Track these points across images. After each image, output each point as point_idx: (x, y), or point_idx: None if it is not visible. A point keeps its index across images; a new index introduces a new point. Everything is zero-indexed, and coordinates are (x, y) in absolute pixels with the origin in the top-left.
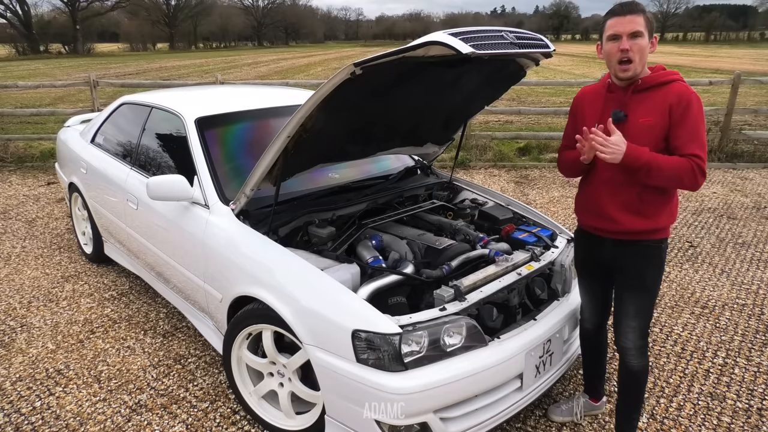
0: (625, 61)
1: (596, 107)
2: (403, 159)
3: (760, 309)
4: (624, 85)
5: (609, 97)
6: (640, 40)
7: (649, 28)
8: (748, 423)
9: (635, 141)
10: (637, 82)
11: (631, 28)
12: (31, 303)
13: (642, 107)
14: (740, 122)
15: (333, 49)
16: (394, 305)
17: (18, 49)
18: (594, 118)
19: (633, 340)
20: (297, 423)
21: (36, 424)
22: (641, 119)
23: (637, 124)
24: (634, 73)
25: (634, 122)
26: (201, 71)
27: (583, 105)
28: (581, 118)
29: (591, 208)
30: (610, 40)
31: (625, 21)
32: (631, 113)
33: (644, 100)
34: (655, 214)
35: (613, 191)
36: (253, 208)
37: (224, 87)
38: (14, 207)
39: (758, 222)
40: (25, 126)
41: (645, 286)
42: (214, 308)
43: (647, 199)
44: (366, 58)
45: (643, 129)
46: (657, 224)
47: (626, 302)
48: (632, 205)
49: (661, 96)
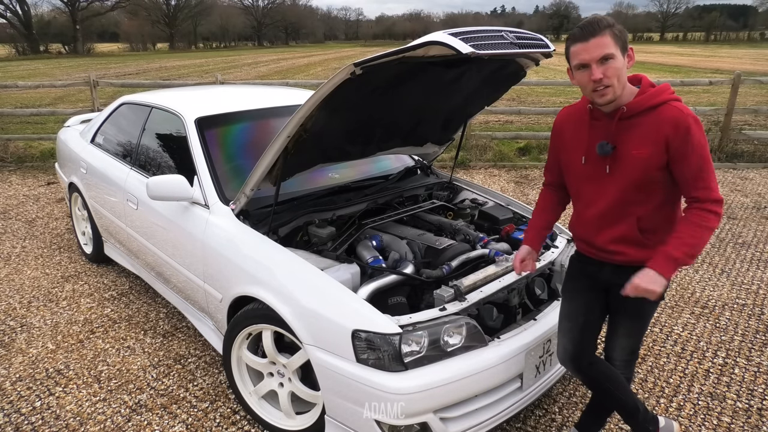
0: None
1: (580, 138)
2: (403, 159)
3: (760, 309)
4: (609, 111)
5: (593, 126)
6: (613, 63)
7: (620, 45)
8: (748, 423)
9: (627, 174)
10: (623, 110)
11: (599, 53)
12: (31, 303)
13: (633, 136)
14: (740, 122)
15: (333, 49)
16: (394, 305)
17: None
18: (578, 151)
19: (620, 356)
20: (297, 423)
21: (36, 424)
22: (634, 151)
23: (629, 157)
24: (614, 96)
25: (625, 154)
26: (201, 71)
27: (564, 135)
28: (564, 152)
29: (589, 241)
30: (579, 69)
31: (590, 47)
32: (620, 144)
33: (634, 127)
34: (658, 241)
35: (609, 226)
36: (253, 208)
37: (224, 87)
38: (14, 207)
39: (758, 222)
40: (25, 126)
41: (642, 311)
42: (214, 308)
43: (647, 227)
44: (366, 58)
45: (636, 162)
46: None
47: (619, 324)
48: (632, 238)
49: (653, 122)
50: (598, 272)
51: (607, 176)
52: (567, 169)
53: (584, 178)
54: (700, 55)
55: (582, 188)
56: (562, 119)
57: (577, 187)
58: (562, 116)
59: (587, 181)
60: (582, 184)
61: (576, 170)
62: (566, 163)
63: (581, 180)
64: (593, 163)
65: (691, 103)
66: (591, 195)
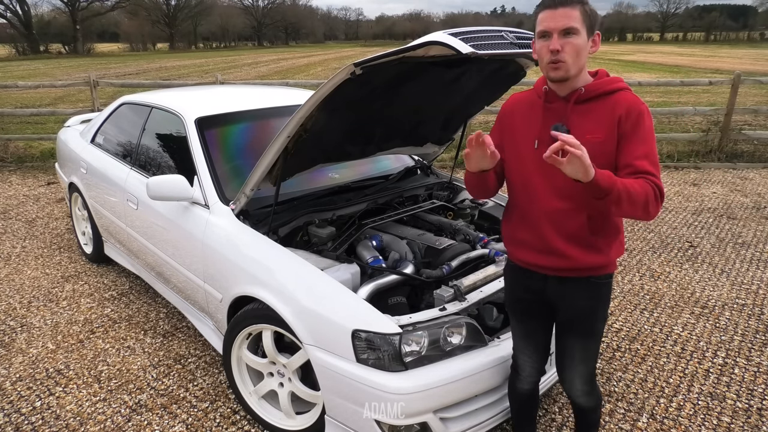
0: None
1: (531, 120)
2: (403, 159)
3: (760, 309)
4: (564, 94)
5: (547, 108)
6: (575, 39)
7: (588, 24)
8: (748, 423)
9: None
10: (580, 91)
11: (564, 23)
12: (31, 303)
13: (587, 121)
14: (740, 122)
15: (333, 49)
16: (394, 305)
17: (18, 49)
18: (529, 133)
19: (580, 387)
20: (297, 423)
21: (36, 424)
22: (588, 135)
23: (583, 141)
24: (566, 74)
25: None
26: (201, 71)
27: (514, 118)
28: (510, 133)
29: (534, 243)
30: (541, 38)
31: (556, 15)
32: (574, 128)
33: (588, 113)
34: (606, 246)
35: (560, 222)
36: (253, 208)
37: (224, 87)
38: (14, 207)
39: (758, 222)
40: (25, 126)
41: (593, 329)
42: (214, 308)
43: (596, 228)
44: (366, 58)
45: (591, 147)
46: (609, 258)
47: (571, 347)
48: (582, 237)
49: (608, 107)
50: (542, 288)
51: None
52: (514, 157)
53: (534, 165)
54: (699, 55)
55: (530, 177)
56: (513, 103)
57: (524, 178)
58: (512, 100)
59: (537, 168)
60: (531, 173)
61: (526, 157)
62: (514, 150)
63: (531, 168)
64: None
65: (691, 103)
66: (540, 185)
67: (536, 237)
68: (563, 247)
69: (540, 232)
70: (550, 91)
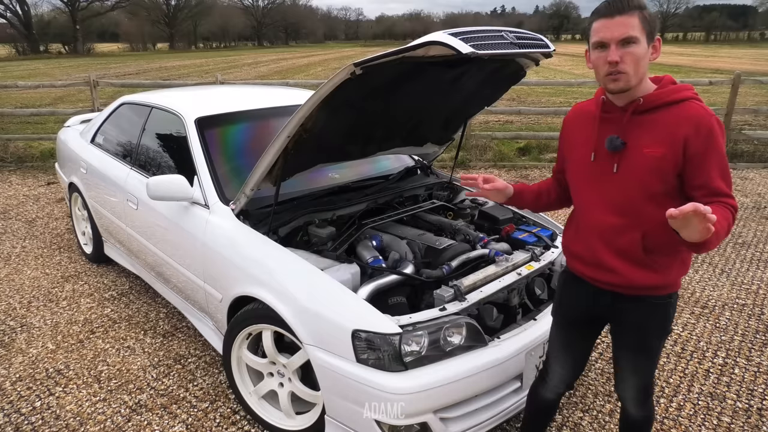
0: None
1: (588, 132)
2: (403, 159)
3: (760, 309)
4: (622, 104)
5: (604, 119)
6: (635, 48)
7: (648, 30)
8: (748, 423)
9: (637, 176)
10: (638, 102)
11: (622, 33)
12: (31, 303)
13: (646, 134)
14: (740, 122)
15: (333, 49)
16: (394, 305)
17: (18, 49)
18: (586, 145)
19: (631, 395)
20: (297, 423)
21: (36, 424)
22: (646, 149)
23: (640, 156)
24: (627, 85)
25: (636, 152)
26: (201, 71)
27: (573, 130)
28: (569, 146)
29: (586, 256)
30: (597, 49)
31: (613, 24)
32: (631, 141)
33: (649, 125)
34: (664, 266)
35: (611, 238)
36: (253, 208)
37: (224, 87)
38: (14, 207)
39: (758, 222)
40: (25, 126)
41: (645, 345)
42: (214, 308)
43: (652, 247)
44: (366, 58)
45: (648, 162)
46: (668, 278)
47: (622, 357)
48: (634, 255)
49: (671, 120)
50: (595, 303)
51: (614, 177)
52: (573, 169)
53: (589, 178)
54: (700, 55)
55: (585, 190)
56: (573, 115)
57: (581, 190)
58: (572, 112)
59: (592, 182)
60: (586, 185)
61: (582, 169)
62: (573, 162)
63: (586, 181)
64: (601, 161)
65: None
66: (594, 198)
67: (587, 250)
68: (614, 263)
69: (591, 245)
70: (607, 101)
